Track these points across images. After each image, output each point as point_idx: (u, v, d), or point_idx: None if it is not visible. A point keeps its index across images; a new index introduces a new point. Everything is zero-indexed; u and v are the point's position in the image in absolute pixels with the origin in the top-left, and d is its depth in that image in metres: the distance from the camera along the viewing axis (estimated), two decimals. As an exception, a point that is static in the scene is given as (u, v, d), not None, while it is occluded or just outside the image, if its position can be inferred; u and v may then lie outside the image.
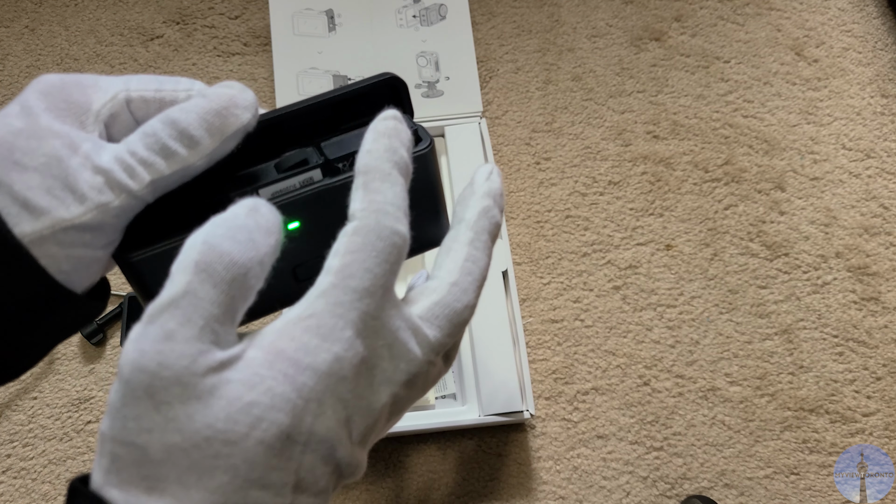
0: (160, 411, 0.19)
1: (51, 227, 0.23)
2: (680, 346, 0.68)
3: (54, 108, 0.24)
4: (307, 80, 0.76)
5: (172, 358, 0.19)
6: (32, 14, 0.84)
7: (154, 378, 0.19)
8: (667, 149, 0.77)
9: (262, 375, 0.20)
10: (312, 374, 0.20)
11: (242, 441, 0.19)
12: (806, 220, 0.73)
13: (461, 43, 0.78)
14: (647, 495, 0.63)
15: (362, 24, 0.78)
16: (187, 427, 0.19)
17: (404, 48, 0.77)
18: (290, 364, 0.20)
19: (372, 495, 0.63)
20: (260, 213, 0.21)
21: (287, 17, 0.78)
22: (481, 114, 0.75)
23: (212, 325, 0.20)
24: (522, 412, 0.61)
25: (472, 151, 0.72)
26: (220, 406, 0.19)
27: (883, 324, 0.69)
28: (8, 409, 0.66)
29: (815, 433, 0.65)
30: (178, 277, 0.19)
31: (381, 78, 0.29)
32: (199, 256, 0.19)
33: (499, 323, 0.64)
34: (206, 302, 0.19)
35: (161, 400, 0.19)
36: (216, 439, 0.19)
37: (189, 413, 0.19)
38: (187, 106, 0.24)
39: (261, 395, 0.19)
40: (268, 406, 0.19)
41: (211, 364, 0.19)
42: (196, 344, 0.19)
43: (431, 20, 0.79)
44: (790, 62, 0.81)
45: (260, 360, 0.20)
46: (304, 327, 0.21)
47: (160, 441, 0.19)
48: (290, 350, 0.20)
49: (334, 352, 0.21)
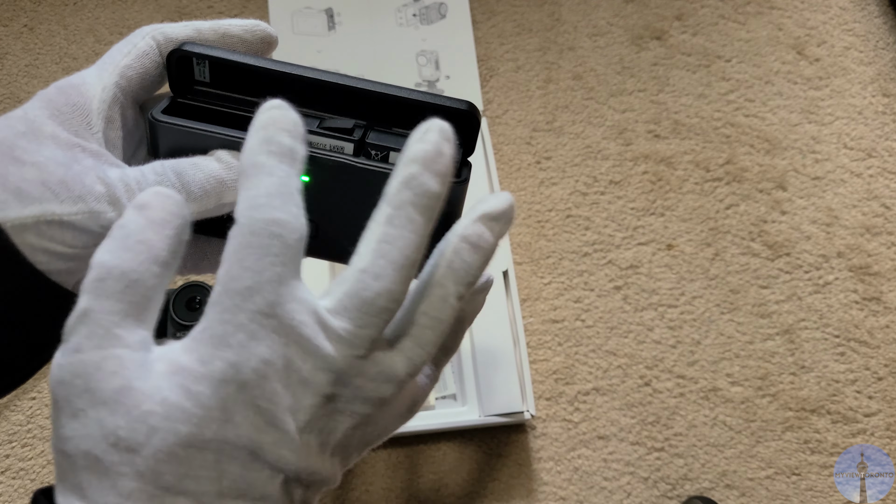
0: (77, 418, 0.20)
1: (36, 216, 0.23)
2: (681, 346, 0.68)
3: (58, 115, 0.25)
4: None
5: (80, 367, 0.20)
6: (31, 13, 0.84)
7: (69, 388, 0.20)
8: (668, 148, 0.76)
9: (159, 387, 0.20)
10: (209, 384, 0.20)
11: (141, 449, 0.20)
12: (807, 219, 0.73)
13: (461, 42, 0.77)
14: (648, 496, 0.63)
15: (362, 22, 0.78)
16: (96, 432, 0.20)
17: (404, 47, 0.77)
18: (187, 375, 0.20)
19: (371, 496, 0.63)
20: (151, 207, 0.21)
21: (286, 15, 0.77)
22: (482, 113, 0.75)
23: (113, 332, 0.20)
24: (523, 413, 0.61)
25: None
26: (122, 413, 0.20)
27: (885, 324, 0.69)
28: (6, 409, 0.66)
29: (816, 434, 0.65)
30: (81, 298, 0.21)
31: (461, 105, 0.28)
32: (95, 275, 0.21)
33: (499, 323, 0.64)
34: (103, 314, 0.20)
35: (76, 407, 0.20)
36: (120, 446, 0.20)
37: (98, 418, 0.20)
38: (200, 163, 0.26)
39: (156, 405, 0.20)
40: (162, 416, 0.20)
41: (114, 368, 0.20)
42: (99, 352, 0.20)
43: (431, 19, 0.78)
44: (791, 61, 0.81)
45: (160, 372, 0.21)
46: (199, 339, 0.21)
47: (77, 447, 0.20)
48: (187, 361, 0.21)
49: (227, 358, 0.20)
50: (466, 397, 0.63)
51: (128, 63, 0.27)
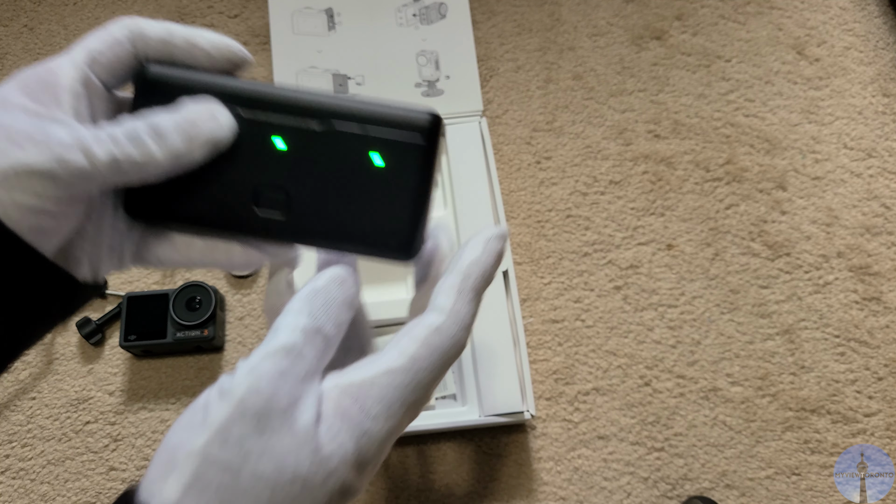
0: (263, 435, 0.21)
1: (3, 169, 0.23)
2: (681, 346, 0.68)
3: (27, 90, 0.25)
4: (307, 78, 0.75)
5: (285, 390, 0.22)
6: (31, 13, 0.84)
7: (268, 402, 0.22)
8: (668, 148, 0.76)
9: (337, 429, 0.23)
10: (368, 441, 0.23)
11: (317, 490, 0.22)
12: (807, 219, 0.73)
13: (461, 42, 0.77)
14: (648, 496, 0.63)
15: (362, 22, 0.78)
16: (280, 461, 0.21)
17: (404, 47, 0.77)
18: (356, 425, 0.23)
19: (372, 496, 0.63)
20: (346, 284, 0.26)
21: (286, 15, 0.77)
22: (482, 113, 0.75)
23: (312, 376, 0.23)
24: (523, 413, 0.61)
25: (472, 151, 0.71)
26: (308, 450, 0.22)
27: (885, 324, 0.69)
28: (6, 409, 0.66)
29: (816, 434, 0.65)
30: (290, 335, 0.23)
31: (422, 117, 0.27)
32: (306, 324, 0.24)
33: (499, 323, 0.64)
34: (307, 359, 0.23)
35: (267, 426, 0.21)
36: (298, 481, 0.21)
37: (284, 446, 0.21)
38: (170, 109, 0.26)
39: (336, 449, 0.22)
40: (340, 461, 0.22)
41: (305, 410, 0.22)
42: (301, 386, 0.22)
43: (431, 19, 0.78)
44: (791, 61, 0.81)
45: (331, 412, 0.23)
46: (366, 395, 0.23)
47: (253, 468, 0.21)
48: (355, 410, 0.23)
49: (388, 427, 0.24)
50: (466, 397, 0.63)
51: (99, 48, 0.27)
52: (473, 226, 0.68)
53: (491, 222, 0.68)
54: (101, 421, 0.66)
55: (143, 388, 0.67)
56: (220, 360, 0.68)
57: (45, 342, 0.68)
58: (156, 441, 0.65)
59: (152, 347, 0.66)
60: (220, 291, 0.69)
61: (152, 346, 0.65)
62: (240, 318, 0.69)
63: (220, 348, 0.68)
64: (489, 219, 0.68)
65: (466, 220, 0.68)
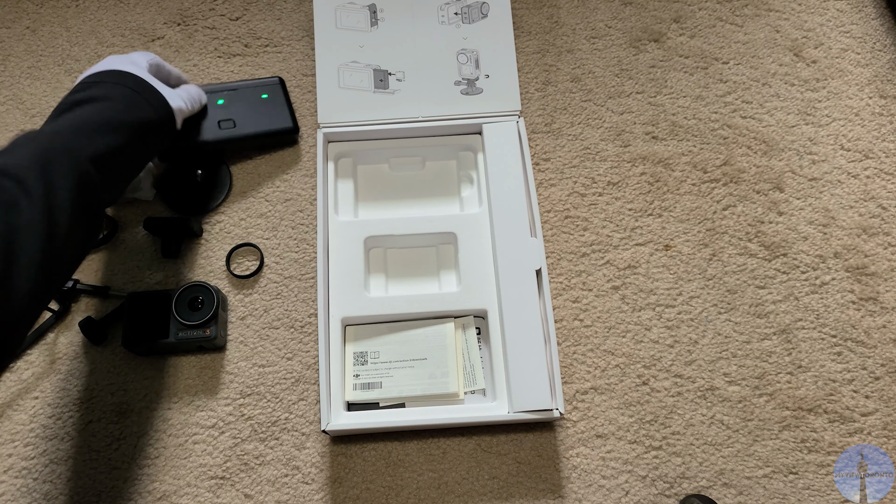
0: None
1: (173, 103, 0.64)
2: (679, 345, 0.69)
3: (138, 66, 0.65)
4: (348, 73, 0.76)
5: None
6: (34, 15, 0.85)
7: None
8: (665, 149, 0.77)
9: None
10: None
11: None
12: (804, 220, 0.74)
13: (502, 41, 0.78)
14: (646, 494, 0.64)
15: (404, 19, 0.78)
16: None
17: (445, 45, 0.77)
18: None
19: (372, 494, 0.64)
20: None
21: (330, 10, 0.78)
22: (519, 113, 0.75)
23: None
24: (552, 410, 0.61)
25: (509, 150, 0.72)
26: None
27: (881, 324, 0.69)
28: (9, 408, 0.67)
29: (813, 433, 0.66)
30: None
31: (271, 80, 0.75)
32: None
33: (531, 320, 0.64)
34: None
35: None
36: None
37: None
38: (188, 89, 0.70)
39: None
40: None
41: None
42: None
43: (473, 18, 0.79)
44: (789, 63, 0.81)
45: None
46: None
47: None
48: None
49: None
50: (496, 393, 0.64)
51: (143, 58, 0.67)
52: (508, 224, 0.69)
53: (526, 222, 0.69)
54: (104, 420, 0.66)
55: (146, 387, 0.67)
56: (221, 360, 0.68)
57: (47, 342, 0.69)
58: (158, 440, 0.65)
59: (154, 347, 0.66)
60: (223, 291, 0.69)
61: (154, 346, 0.66)
62: (241, 317, 0.70)
63: (222, 348, 0.68)
64: (524, 218, 0.69)
65: (502, 219, 0.69)
